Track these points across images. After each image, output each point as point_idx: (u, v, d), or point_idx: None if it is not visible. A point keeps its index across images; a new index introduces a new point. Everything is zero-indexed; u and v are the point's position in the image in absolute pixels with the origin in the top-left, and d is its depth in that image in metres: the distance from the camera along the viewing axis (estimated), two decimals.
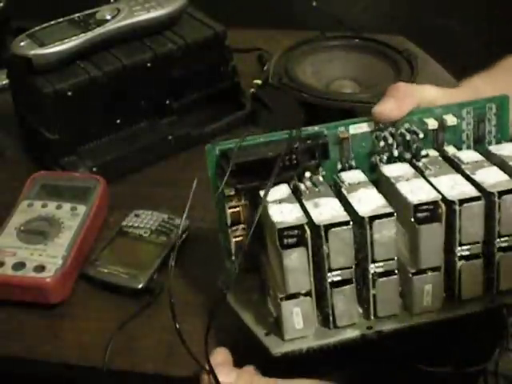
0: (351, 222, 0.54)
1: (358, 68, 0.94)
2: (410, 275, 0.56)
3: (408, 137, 0.61)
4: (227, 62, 0.91)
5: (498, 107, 0.63)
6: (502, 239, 0.57)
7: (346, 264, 0.55)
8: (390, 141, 0.62)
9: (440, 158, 0.61)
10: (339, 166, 0.62)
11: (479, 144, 0.64)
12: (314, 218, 0.54)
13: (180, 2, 0.89)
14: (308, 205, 0.56)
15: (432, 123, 0.62)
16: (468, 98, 0.64)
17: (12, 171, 0.87)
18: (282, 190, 0.58)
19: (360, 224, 0.54)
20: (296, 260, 0.53)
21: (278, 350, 0.56)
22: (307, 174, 0.59)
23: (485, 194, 0.55)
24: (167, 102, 0.88)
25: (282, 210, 0.55)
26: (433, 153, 0.62)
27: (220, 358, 0.58)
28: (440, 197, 0.55)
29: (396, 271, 0.56)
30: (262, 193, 0.57)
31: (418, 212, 0.54)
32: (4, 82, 0.95)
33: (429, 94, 0.63)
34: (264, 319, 0.59)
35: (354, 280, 0.56)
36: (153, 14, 0.86)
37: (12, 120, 0.89)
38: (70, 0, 0.88)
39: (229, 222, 0.60)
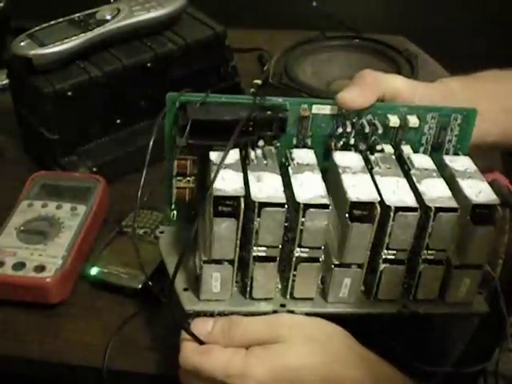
0: (286, 206, 0.54)
1: (357, 68, 0.93)
2: (333, 266, 0.57)
3: (367, 129, 0.61)
4: (227, 62, 0.91)
5: (463, 119, 0.63)
6: (429, 251, 0.57)
7: (273, 243, 0.56)
8: (349, 129, 0.62)
9: (393, 157, 0.61)
10: (294, 142, 0.62)
11: (437, 150, 0.64)
12: (252, 192, 0.54)
13: (180, 1, 0.89)
14: (251, 176, 0.56)
15: (394, 121, 0.61)
16: (436, 95, 0.64)
17: (12, 171, 0.87)
18: (230, 155, 0.57)
19: (294, 208, 0.55)
20: (225, 229, 0.54)
21: (190, 307, 0.57)
22: (260, 143, 0.59)
23: (423, 206, 0.56)
24: None
25: (225, 176, 0.55)
26: (388, 149, 0.62)
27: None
28: (378, 199, 0.55)
29: (320, 259, 0.57)
30: (212, 155, 0.57)
31: (354, 209, 0.55)
32: (4, 82, 0.95)
33: (394, 84, 0.63)
34: (188, 274, 0.59)
35: (277, 259, 0.56)
36: (153, 13, 0.86)
37: (12, 120, 0.89)
38: (70, 0, 0.88)
39: (175, 171, 0.62)
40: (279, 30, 1.08)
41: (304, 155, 0.60)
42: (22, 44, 0.81)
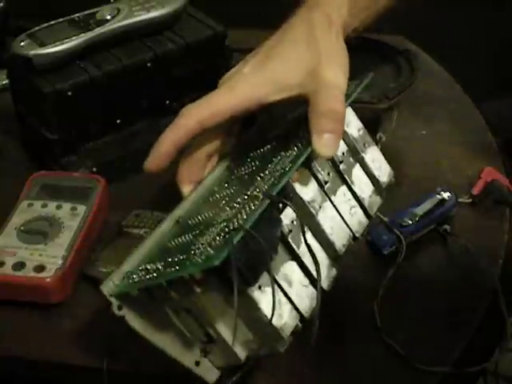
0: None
1: (357, 68, 0.94)
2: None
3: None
4: (227, 62, 0.91)
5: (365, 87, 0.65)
6: None
7: None
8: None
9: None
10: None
11: None
12: (300, 308, 0.53)
13: (180, 1, 0.89)
14: (283, 284, 0.53)
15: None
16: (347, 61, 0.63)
17: (12, 171, 0.87)
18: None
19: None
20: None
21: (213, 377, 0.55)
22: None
23: (369, 218, 0.60)
24: (167, 102, 0.88)
25: (270, 302, 0.51)
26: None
27: None
28: (352, 237, 0.58)
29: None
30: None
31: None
32: (4, 82, 0.95)
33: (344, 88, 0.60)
34: (187, 347, 0.56)
35: None
36: (153, 13, 0.86)
37: (12, 120, 0.89)
38: (70, 0, 0.88)
39: None
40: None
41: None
42: (22, 44, 0.81)
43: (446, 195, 0.74)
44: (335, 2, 0.64)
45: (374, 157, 0.61)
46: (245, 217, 0.49)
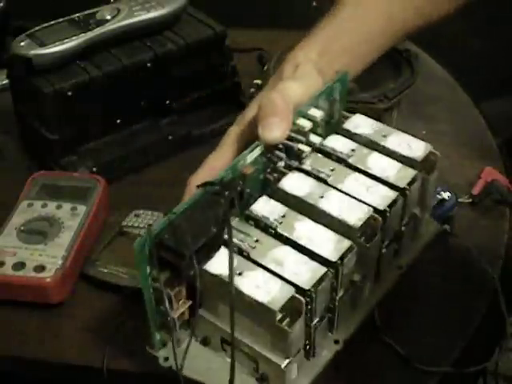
0: (330, 272, 0.54)
1: None
2: (359, 281, 0.59)
3: (295, 146, 0.60)
4: (227, 61, 0.91)
5: (341, 84, 0.65)
6: (406, 217, 0.63)
7: (325, 305, 0.56)
8: (281, 154, 0.60)
9: (319, 155, 0.62)
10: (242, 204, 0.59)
11: (329, 122, 0.65)
12: (296, 281, 0.53)
13: (180, 1, 0.89)
14: (271, 266, 0.54)
15: (306, 124, 0.61)
16: (320, 83, 0.64)
17: (12, 171, 0.87)
18: (224, 259, 0.53)
19: (333, 268, 0.54)
20: (297, 330, 0.53)
21: None
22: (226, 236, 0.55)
23: (400, 191, 0.59)
24: (167, 102, 0.88)
25: (252, 282, 0.52)
26: (304, 148, 0.61)
27: None
28: (372, 210, 0.57)
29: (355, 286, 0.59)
30: (211, 267, 0.54)
31: (360, 231, 0.56)
32: (4, 82, 0.95)
33: (297, 94, 0.62)
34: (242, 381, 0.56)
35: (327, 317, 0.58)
36: (153, 13, 0.86)
37: (12, 120, 0.89)
38: (70, 0, 0.88)
39: (174, 307, 0.55)
40: (279, 29, 1.08)
41: (268, 207, 0.58)
42: (22, 44, 0.81)
43: (445, 195, 0.74)
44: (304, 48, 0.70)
45: (399, 141, 0.62)
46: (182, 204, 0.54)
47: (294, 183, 0.59)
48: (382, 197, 0.58)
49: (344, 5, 0.72)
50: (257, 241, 0.56)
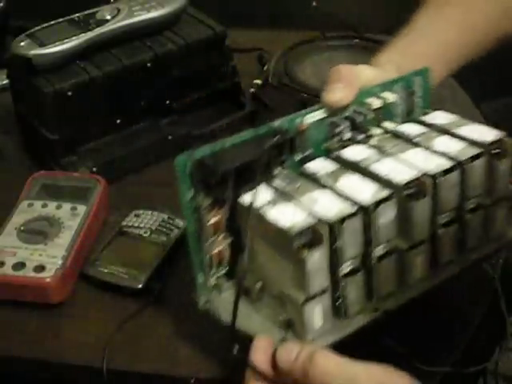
0: (360, 214, 0.54)
1: None
2: (405, 250, 0.57)
3: (359, 119, 0.62)
4: (227, 61, 0.91)
5: (422, 79, 0.66)
6: (470, 201, 0.60)
7: (356, 253, 0.55)
8: (342, 126, 0.62)
9: (388, 135, 0.62)
10: (298, 158, 0.61)
11: (409, 117, 0.66)
12: (321, 215, 0.53)
13: (180, 1, 0.89)
14: (303, 201, 0.55)
15: (376, 102, 0.63)
16: (394, 75, 0.66)
17: (12, 171, 0.87)
18: (264, 193, 0.56)
19: (364, 212, 0.54)
20: (316, 261, 0.53)
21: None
22: (276, 171, 0.59)
23: (457, 163, 0.58)
24: (167, 102, 0.88)
25: (279, 212, 0.54)
26: (375, 131, 0.63)
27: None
28: (422, 172, 0.57)
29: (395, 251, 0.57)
30: (245, 198, 0.56)
31: (407, 190, 0.56)
32: (4, 82, 0.95)
33: (367, 74, 0.64)
34: (269, 325, 0.57)
35: (362, 268, 0.56)
36: (153, 13, 0.86)
37: (12, 120, 0.89)
38: (70, 0, 0.88)
39: (210, 234, 0.58)
40: (279, 29, 1.08)
41: (320, 165, 0.60)
42: (22, 44, 0.81)
43: None
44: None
45: (472, 129, 0.62)
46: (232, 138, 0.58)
47: (354, 152, 0.60)
48: (436, 165, 0.57)
49: (427, 8, 0.75)
50: (298, 187, 0.57)
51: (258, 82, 0.94)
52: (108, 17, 0.84)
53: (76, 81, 0.80)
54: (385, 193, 0.55)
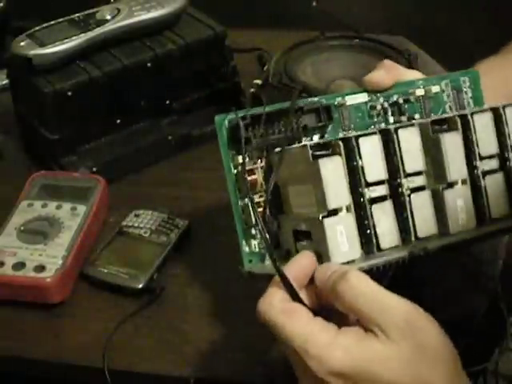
0: (378, 132, 0.55)
1: (357, 68, 0.94)
2: (441, 189, 0.56)
3: (401, 101, 0.63)
4: (227, 62, 0.91)
5: (471, 80, 0.65)
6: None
7: (380, 178, 0.54)
8: (384, 110, 0.63)
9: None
10: (341, 135, 0.60)
11: None
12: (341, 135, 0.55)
13: (180, 1, 0.89)
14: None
15: (419, 90, 0.63)
16: None
17: (12, 171, 0.87)
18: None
19: (383, 133, 0.55)
20: (333, 170, 0.52)
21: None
22: (315, 138, 0.60)
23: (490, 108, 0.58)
24: (167, 102, 0.88)
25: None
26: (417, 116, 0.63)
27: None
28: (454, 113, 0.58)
29: (426, 186, 0.56)
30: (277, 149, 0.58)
31: (436, 125, 0.56)
32: (4, 82, 0.95)
33: (411, 73, 0.65)
34: None
35: (390, 195, 0.55)
36: (153, 13, 0.86)
37: (12, 120, 0.89)
38: (70, 0, 0.88)
39: (249, 189, 0.58)
40: (279, 29, 1.08)
41: None
42: (22, 44, 0.81)
43: None
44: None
45: None
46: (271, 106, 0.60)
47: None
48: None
49: None
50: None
51: (258, 81, 0.94)
52: (108, 17, 0.84)
53: (76, 81, 0.80)
54: (407, 122, 0.57)
